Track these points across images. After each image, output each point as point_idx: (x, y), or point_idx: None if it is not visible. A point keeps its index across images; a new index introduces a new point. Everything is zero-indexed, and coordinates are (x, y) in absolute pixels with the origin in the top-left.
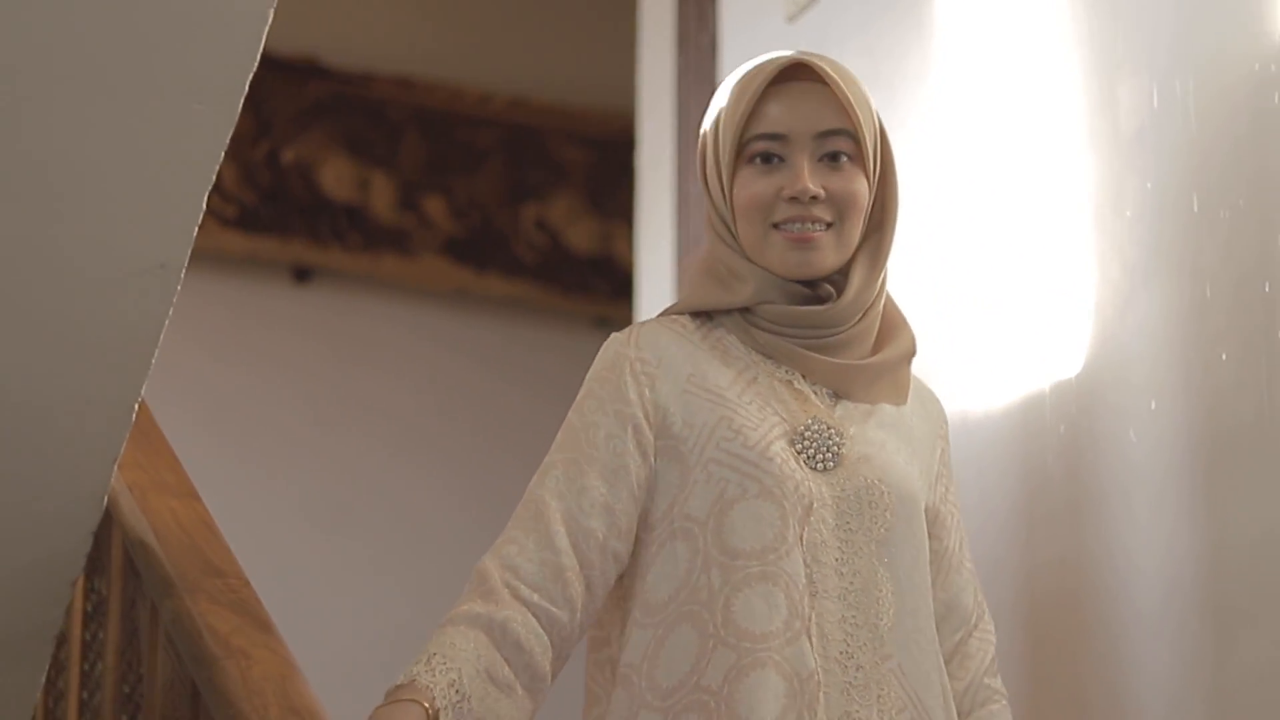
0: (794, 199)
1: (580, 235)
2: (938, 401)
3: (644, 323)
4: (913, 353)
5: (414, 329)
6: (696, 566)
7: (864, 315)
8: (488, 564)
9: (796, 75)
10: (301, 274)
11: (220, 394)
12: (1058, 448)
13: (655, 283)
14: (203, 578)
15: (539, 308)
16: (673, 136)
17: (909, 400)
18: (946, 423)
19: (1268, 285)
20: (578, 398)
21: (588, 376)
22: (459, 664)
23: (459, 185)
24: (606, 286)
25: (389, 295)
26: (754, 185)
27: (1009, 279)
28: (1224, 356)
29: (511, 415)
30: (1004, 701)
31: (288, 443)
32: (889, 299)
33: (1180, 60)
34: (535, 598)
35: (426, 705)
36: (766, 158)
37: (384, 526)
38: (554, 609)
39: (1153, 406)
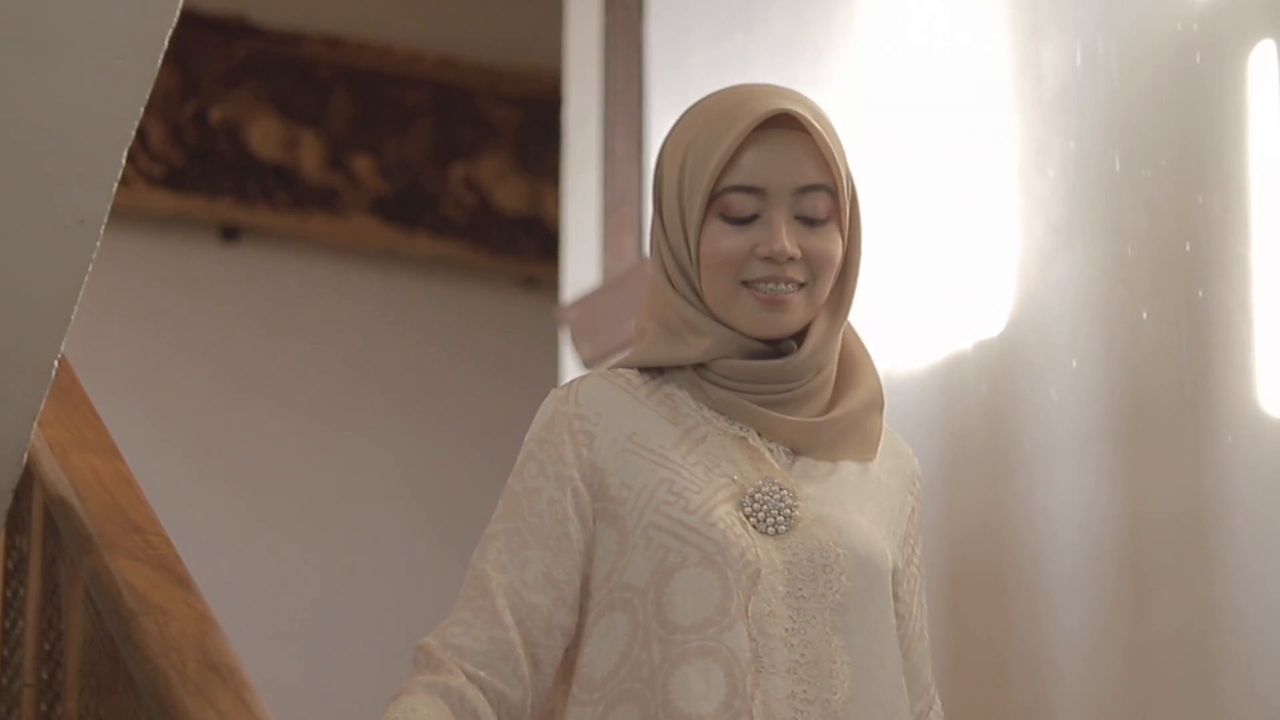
0: (769, 258)
1: (509, 195)
2: (911, 458)
3: (585, 376)
4: (878, 401)
5: (342, 288)
6: (637, 641)
7: (821, 370)
8: (431, 643)
9: (776, 122)
10: (229, 233)
11: (146, 352)
12: (981, 408)
13: (582, 242)
14: (122, 534)
15: (467, 267)
16: (599, 96)
17: (879, 455)
18: (919, 480)
19: (1189, 245)
20: (517, 462)
21: (526, 438)
22: None
23: (388, 144)
24: (535, 246)
25: (317, 255)
26: (726, 241)
27: (932, 237)
28: (1145, 315)
29: (437, 376)
30: None
31: (212, 400)
32: (854, 335)
33: (1104, 20)
34: (482, 674)
35: None
36: (741, 213)
37: (307, 486)
38: (502, 686)
39: (1074, 365)
